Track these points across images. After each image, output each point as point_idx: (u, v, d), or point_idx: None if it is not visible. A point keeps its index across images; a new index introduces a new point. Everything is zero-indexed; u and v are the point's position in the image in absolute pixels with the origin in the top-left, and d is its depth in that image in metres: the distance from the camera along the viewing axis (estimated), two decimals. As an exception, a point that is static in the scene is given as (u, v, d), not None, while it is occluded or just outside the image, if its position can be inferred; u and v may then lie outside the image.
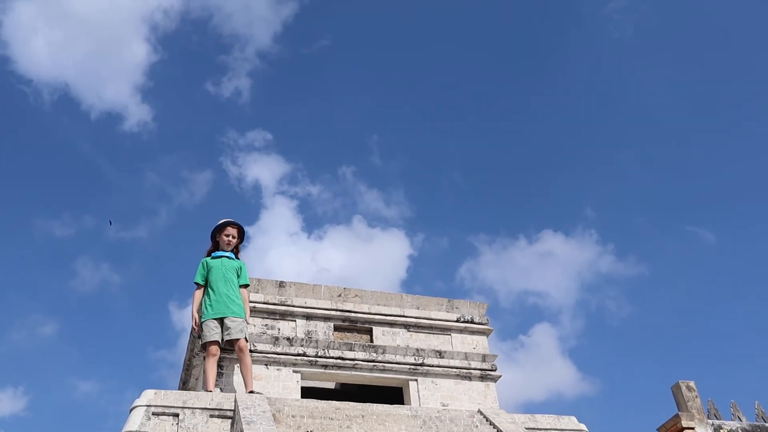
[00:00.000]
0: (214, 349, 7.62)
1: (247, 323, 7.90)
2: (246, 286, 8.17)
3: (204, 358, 7.67)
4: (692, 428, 15.93)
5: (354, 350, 8.24)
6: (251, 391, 7.38)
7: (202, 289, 8.06)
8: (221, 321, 7.75)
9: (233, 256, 8.32)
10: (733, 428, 16.37)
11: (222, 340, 7.67)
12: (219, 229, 8.41)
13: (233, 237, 8.39)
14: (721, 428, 16.27)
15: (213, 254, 8.30)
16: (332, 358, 8.15)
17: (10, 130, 36.46)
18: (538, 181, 41.75)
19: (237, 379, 7.73)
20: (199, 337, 7.81)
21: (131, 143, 39.59)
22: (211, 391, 7.30)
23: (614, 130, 40.57)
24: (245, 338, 7.71)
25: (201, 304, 7.96)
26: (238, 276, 8.13)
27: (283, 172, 42.78)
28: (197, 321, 7.87)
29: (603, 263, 41.08)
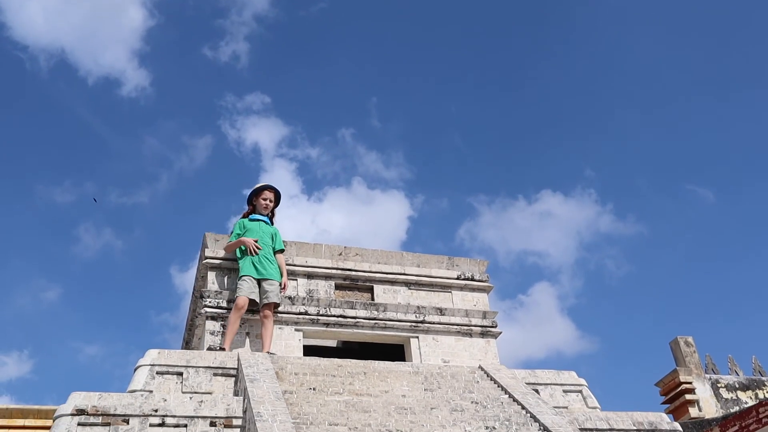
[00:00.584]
0: (242, 301, 7.66)
1: (283, 288, 8.00)
2: (281, 251, 8.25)
3: (231, 311, 7.70)
4: (690, 383, 16.13)
5: (355, 308, 8.28)
6: (269, 353, 7.48)
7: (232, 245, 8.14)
8: (259, 282, 7.84)
9: (269, 221, 8.41)
10: (730, 382, 16.57)
11: (260, 300, 7.77)
12: (256, 193, 8.50)
13: (270, 201, 8.49)
14: (719, 382, 16.46)
15: (250, 217, 8.38)
16: (334, 316, 8.19)
17: (7, 96, 36.21)
18: (537, 142, 41.67)
19: (238, 338, 7.77)
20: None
21: (129, 108, 39.38)
22: (224, 349, 7.43)
23: (614, 91, 40.37)
24: (278, 303, 7.84)
25: (240, 256, 8.01)
26: (273, 241, 8.21)
27: (282, 135, 42.65)
28: (252, 246, 7.95)
29: (602, 222, 41.19)
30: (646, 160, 41.60)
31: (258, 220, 8.33)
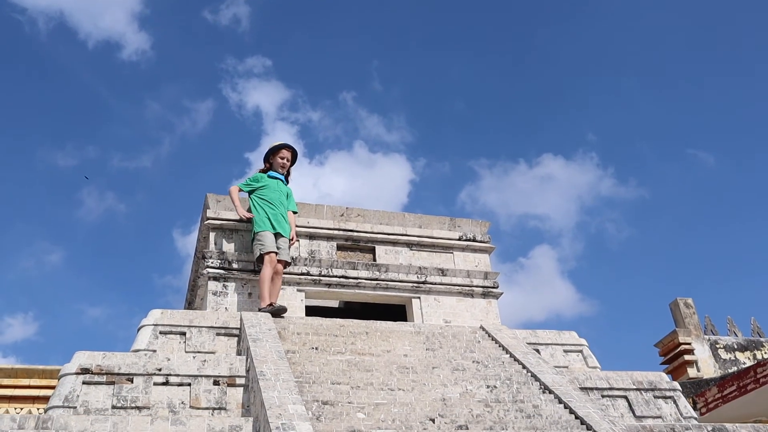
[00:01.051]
0: (274, 259, 7.68)
1: (292, 243, 8.06)
2: (294, 213, 8.31)
3: (261, 270, 7.71)
4: (689, 344, 16.26)
5: (357, 269, 8.30)
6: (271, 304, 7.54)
7: (238, 190, 8.19)
8: (275, 237, 7.87)
9: (284, 180, 8.43)
10: (729, 343, 16.70)
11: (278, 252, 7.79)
12: (273, 152, 8.51)
13: (287, 160, 8.50)
14: (717, 343, 16.59)
15: (269, 174, 8.38)
16: (336, 276, 8.21)
17: (6, 59, 35.90)
18: (539, 106, 41.45)
19: (240, 298, 7.81)
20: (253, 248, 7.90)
21: (131, 72, 39.08)
22: (271, 304, 7.46)
23: (616, 55, 40.03)
24: (288, 262, 7.89)
25: (252, 212, 8.04)
26: (287, 200, 8.25)
27: (284, 99, 42.39)
28: (244, 213, 8.05)
29: (603, 186, 41.12)
30: (648, 124, 41.45)
31: (275, 178, 8.35)
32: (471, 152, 44.85)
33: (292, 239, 8.07)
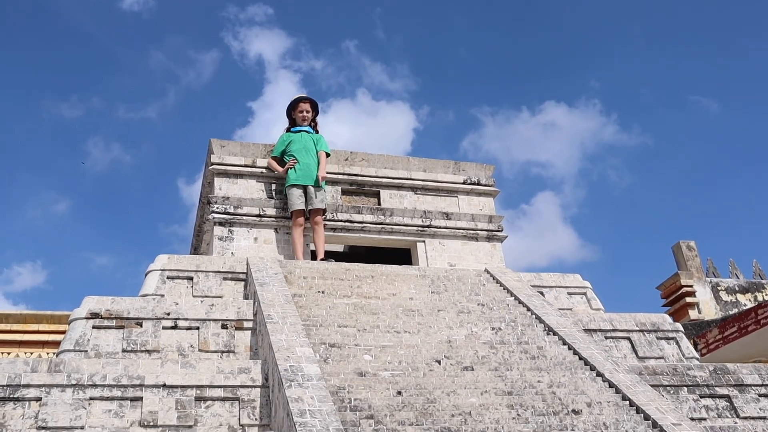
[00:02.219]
0: (301, 219, 7.88)
1: (321, 179, 8.12)
2: (327, 155, 8.39)
3: (290, 228, 7.92)
4: (690, 286, 16.36)
5: (362, 213, 8.31)
6: (323, 259, 7.71)
7: (276, 160, 8.28)
8: (304, 190, 7.95)
9: (312, 131, 8.51)
10: (731, 285, 16.81)
11: (306, 207, 7.90)
12: (292, 107, 8.64)
13: (307, 111, 8.59)
14: (719, 285, 16.69)
15: (292, 129, 8.49)
16: (340, 221, 8.24)
17: (9, 10, 35.39)
18: (541, 53, 40.90)
19: (245, 243, 7.84)
20: (285, 204, 8.03)
21: (133, 22, 38.54)
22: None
23: (620, 2, 39.29)
24: (324, 210, 7.99)
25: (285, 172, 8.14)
26: (316, 146, 8.32)
27: (286, 47, 41.94)
28: (284, 168, 8.14)
29: (606, 133, 40.88)
30: (651, 71, 40.96)
31: (300, 130, 8.44)
32: (473, 100, 44.49)
33: (321, 178, 8.14)
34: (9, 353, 10.55)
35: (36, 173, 39.33)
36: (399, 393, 5.01)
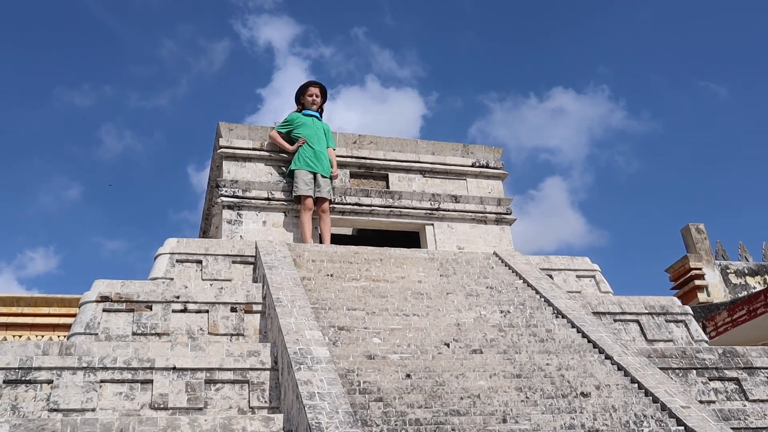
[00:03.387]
0: (309, 203, 7.86)
1: (334, 176, 8.14)
2: (333, 149, 8.36)
3: (300, 211, 7.89)
4: (699, 269, 16.29)
5: (370, 196, 8.30)
6: None
7: (281, 135, 8.22)
8: (314, 176, 7.93)
9: (320, 117, 8.49)
10: (740, 268, 16.74)
11: (314, 195, 7.89)
12: (302, 91, 8.58)
13: (316, 96, 8.56)
14: (728, 268, 16.63)
15: (303, 112, 8.43)
16: (349, 204, 8.23)
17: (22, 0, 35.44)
18: (549, 38, 40.66)
19: (254, 226, 7.85)
20: (292, 187, 7.99)
21: (142, 10, 38.53)
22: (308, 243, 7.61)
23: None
24: (331, 200, 7.98)
25: (294, 155, 8.10)
26: (325, 137, 8.30)
27: (295, 34, 41.90)
28: (295, 147, 8.09)
29: (614, 119, 40.68)
30: (660, 56, 40.66)
31: (310, 115, 8.41)
32: (481, 86, 44.36)
33: (334, 176, 8.14)
34: (20, 336, 10.63)
35: (48, 159, 39.56)
36: (408, 376, 5.03)
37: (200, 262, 6.89)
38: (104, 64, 40.04)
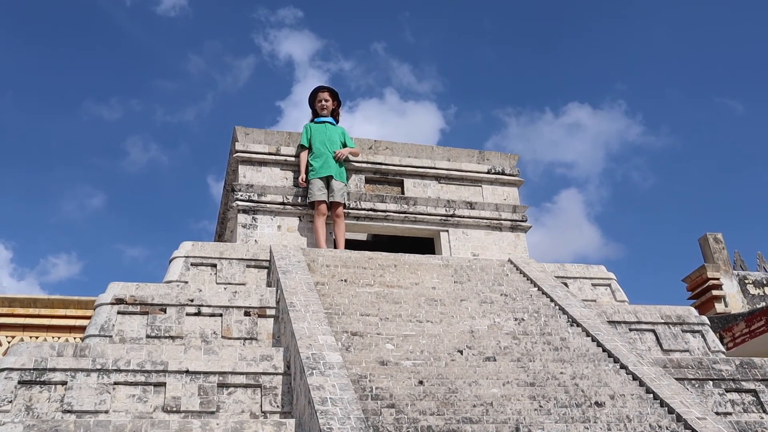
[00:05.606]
0: (323, 208, 7.90)
1: (338, 156, 8.18)
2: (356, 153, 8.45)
3: (313, 217, 7.95)
4: (717, 279, 16.13)
5: (385, 202, 8.30)
6: None
7: (306, 150, 8.23)
8: (327, 181, 7.99)
9: (334, 122, 8.55)
10: (758, 278, 16.56)
11: (328, 200, 7.93)
12: (313, 98, 8.68)
13: (326, 100, 8.62)
14: (746, 278, 16.46)
15: (315, 120, 8.51)
16: (364, 209, 8.23)
17: (47, 14, 36.00)
18: (565, 53, 40.69)
19: (269, 230, 7.86)
20: (306, 195, 8.04)
21: (168, 28, 39.11)
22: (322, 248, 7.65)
23: (645, 2, 38.87)
24: (345, 204, 8.01)
25: (307, 165, 8.16)
26: (343, 142, 8.37)
27: (316, 49, 42.38)
28: (303, 178, 8.09)
29: (631, 134, 40.54)
30: (676, 72, 40.52)
31: (323, 122, 8.45)
32: (498, 101, 44.53)
33: (345, 154, 8.20)
34: (37, 337, 10.70)
35: (73, 169, 40.20)
36: (421, 382, 5.01)
37: (215, 265, 6.91)
38: (131, 78, 40.66)
